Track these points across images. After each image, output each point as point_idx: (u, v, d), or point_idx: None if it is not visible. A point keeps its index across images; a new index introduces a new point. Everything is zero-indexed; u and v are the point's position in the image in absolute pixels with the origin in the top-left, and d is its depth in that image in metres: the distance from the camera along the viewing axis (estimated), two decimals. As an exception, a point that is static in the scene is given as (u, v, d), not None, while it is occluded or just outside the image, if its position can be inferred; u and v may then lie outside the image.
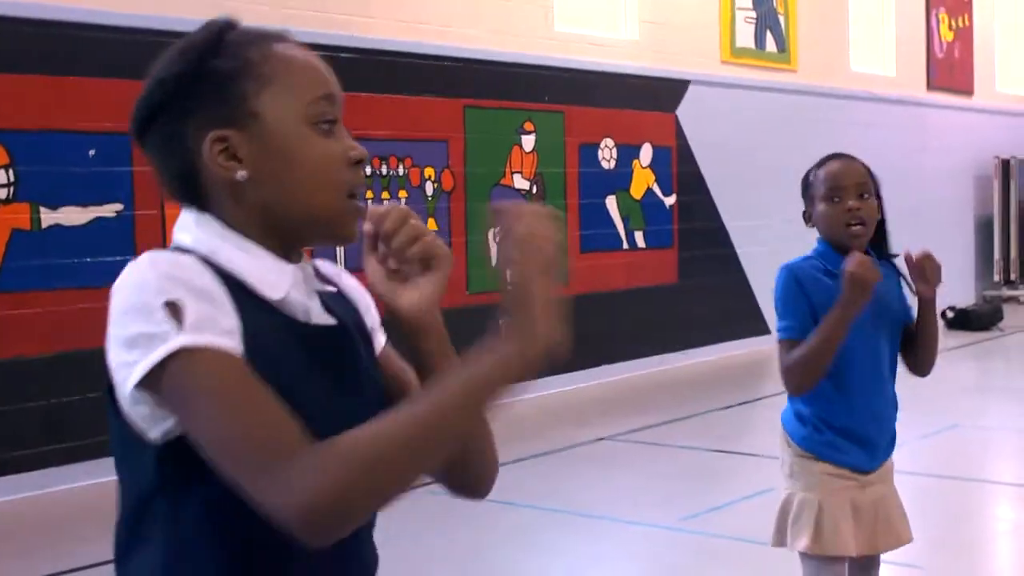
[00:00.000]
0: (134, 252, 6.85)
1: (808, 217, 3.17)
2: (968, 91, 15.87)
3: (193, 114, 1.47)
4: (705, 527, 5.71)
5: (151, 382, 1.34)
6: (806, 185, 3.18)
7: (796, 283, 3.08)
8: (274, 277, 1.47)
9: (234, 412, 1.32)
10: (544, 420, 8.04)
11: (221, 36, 1.50)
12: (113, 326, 1.38)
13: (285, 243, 1.50)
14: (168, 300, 1.34)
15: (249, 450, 1.31)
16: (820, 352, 2.99)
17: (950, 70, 15.48)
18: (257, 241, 1.48)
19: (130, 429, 1.41)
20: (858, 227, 3.06)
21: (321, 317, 1.51)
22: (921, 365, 3.24)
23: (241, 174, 1.45)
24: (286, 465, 1.29)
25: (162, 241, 6.93)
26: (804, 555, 3.14)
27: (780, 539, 3.20)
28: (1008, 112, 16.51)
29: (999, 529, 6.02)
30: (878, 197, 3.16)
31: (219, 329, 1.35)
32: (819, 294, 3.06)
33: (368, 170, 8.15)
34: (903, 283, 3.22)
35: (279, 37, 1.52)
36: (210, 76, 1.47)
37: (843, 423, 3.11)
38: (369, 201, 1.51)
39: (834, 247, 3.11)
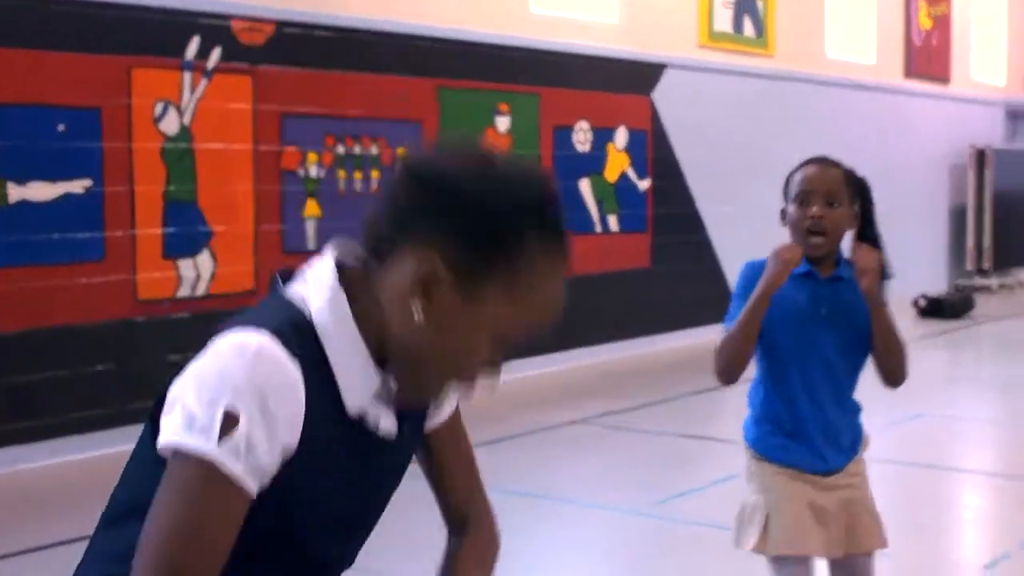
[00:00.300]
0: (103, 228, 6.77)
1: (783, 215, 3.17)
2: (945, 79, 15.91)
3: (441, 227, 1.40)
4: (676, 512, 5.71)
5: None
6: (786, 185, 3.18)
7: (749, 279, 3.11)
8: (361, 386, 1.45)
9: (184, 545, 1.32)
10: (515, 403, 8.02)
11: (529, 199, 1.42)
12: (198, 364, 1.38)
13: (383, 359, 1.47)
14: (231, 407, 1.33)
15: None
16: (737, 333, 3.07)
17: (928, 58, 15.52)
18: (365, 339, 1.44)
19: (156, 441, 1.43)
20: (817, 238, 3.06)
21: (386, 422, 1.50)
22: (883, 372, 3.15)
23: (418, 317, 1.41)
24: None
25: (130, 219, 6.86)
26: (768, 558, 3.12)
27: (736, 542, 3.20)
28: (984, 101, 16.58)
29: (965, 517, 6.06)
30: (864, 203, 3.15)
31: (253, 464, 1.35)
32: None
33: (341, 149, 8.09)
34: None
35: (564, 251, 1.45)
36: (485, 223, 1.40)
37: (787, 425, 3.14)
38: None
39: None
